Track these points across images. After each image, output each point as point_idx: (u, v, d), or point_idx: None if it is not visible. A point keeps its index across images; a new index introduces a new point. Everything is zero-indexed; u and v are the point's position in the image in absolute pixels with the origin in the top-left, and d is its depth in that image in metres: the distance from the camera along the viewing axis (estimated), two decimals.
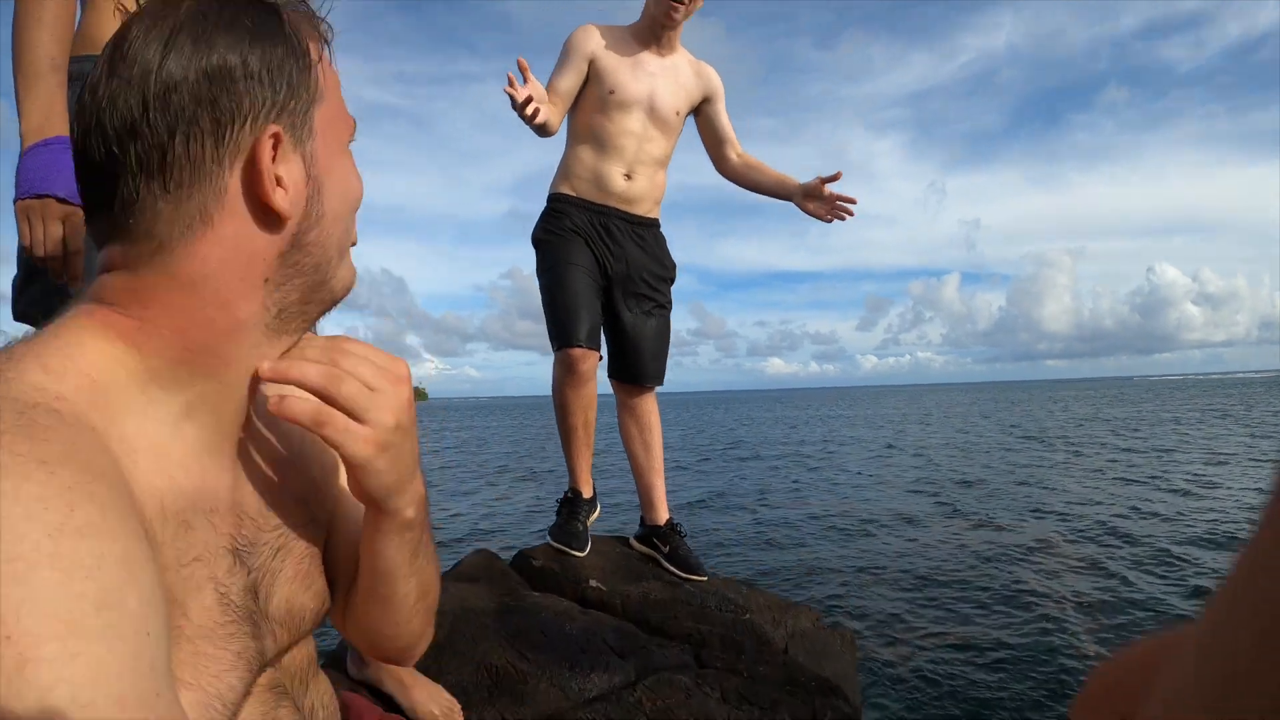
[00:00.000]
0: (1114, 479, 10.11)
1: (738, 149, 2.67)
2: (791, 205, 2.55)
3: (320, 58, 0.65)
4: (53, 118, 1.12)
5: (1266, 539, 0.18)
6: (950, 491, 9.51)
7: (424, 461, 0.75)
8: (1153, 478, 10.07)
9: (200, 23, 0.57)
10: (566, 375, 2.36)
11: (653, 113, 2.42)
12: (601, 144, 2.43)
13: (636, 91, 2.39)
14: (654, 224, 2.58)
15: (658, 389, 2.58)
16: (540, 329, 2.43)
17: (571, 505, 2.52)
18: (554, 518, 2.54)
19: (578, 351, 2.31)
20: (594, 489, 2.58)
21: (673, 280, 2.63)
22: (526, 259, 2.66)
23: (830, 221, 2.50)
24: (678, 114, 2.48)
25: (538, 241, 2.52)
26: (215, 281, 0.57)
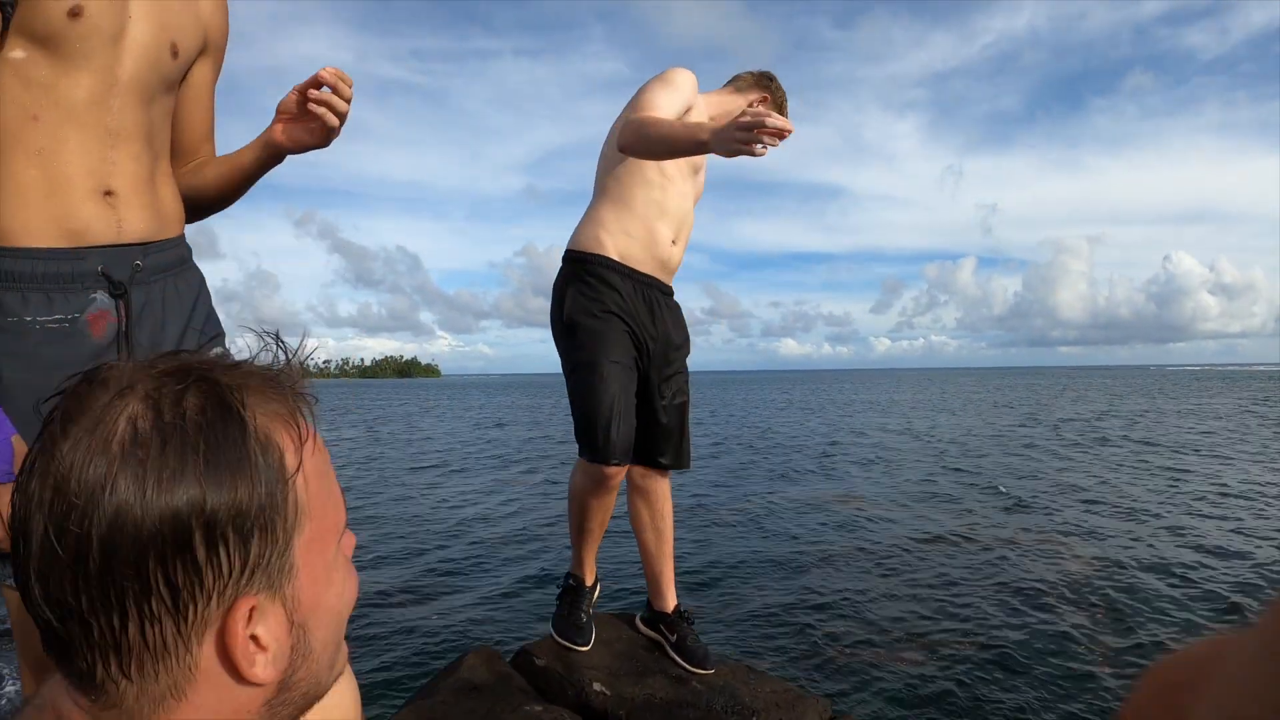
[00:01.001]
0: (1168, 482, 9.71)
1: None
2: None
3: (300, 464, 0.52)
4: None
5: None
6: (991, 511, 7.93)
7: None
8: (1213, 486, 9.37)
9: (138, 460, 0.46)
10: (594, 487, 2.18)
11: (697, 175, 2.36)
12: (658, 204, 2.18)
13: (702, 158, 2.31)
14: (673, 292, 2.43)
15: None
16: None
17: (575, 595, 2.42)
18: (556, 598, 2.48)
19: (611, 469, 2.12)
20: (597, 574, 2.49)
21: (689, 351, 2.44)
22: (541, 236, 2.54)
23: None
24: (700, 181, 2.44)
25: (572, 322, 2.15)
26: None
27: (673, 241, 2.24)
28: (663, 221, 2.19)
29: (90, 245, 1.05)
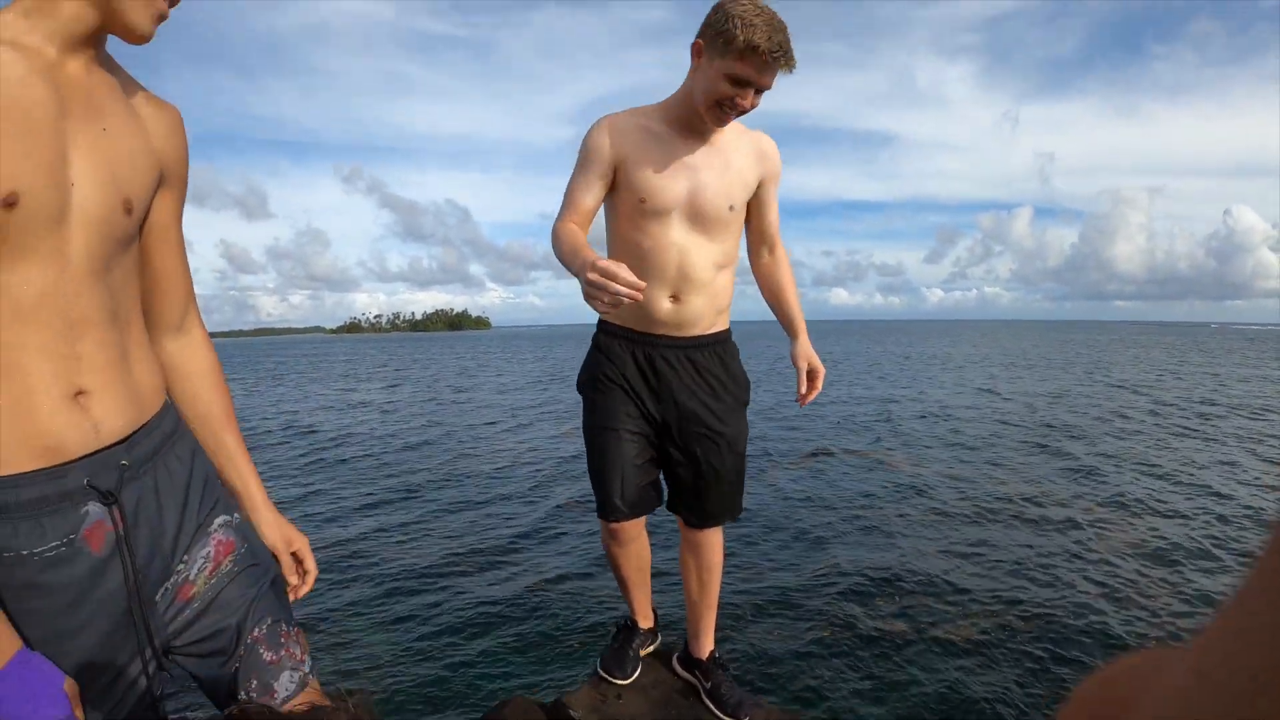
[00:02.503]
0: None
1: (775, 248, 2.20)
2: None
3: None
4: None
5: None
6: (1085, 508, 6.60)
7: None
8: None
9: None
10: (610, 539, 2.21)
11: (697, 216, 1.95)
12: (640, 261, 1.97)
13: (674, 195, 1.93)
14: (717, 341, 2.13)
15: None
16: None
17: (627, 634, 2.45)
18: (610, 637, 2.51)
19: (612, 525, 2.14)
20: (656, 619, 2.51)
21: (747, 401, 2.21)
22: None
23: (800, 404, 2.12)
24: (731, 209, 1.98)
25: (580, 387, 2.22)
26: None
27: (672, 298, 2.01)
28: (652, 282, 1.99)
29: (70, 460, 0.97)
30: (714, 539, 2.28)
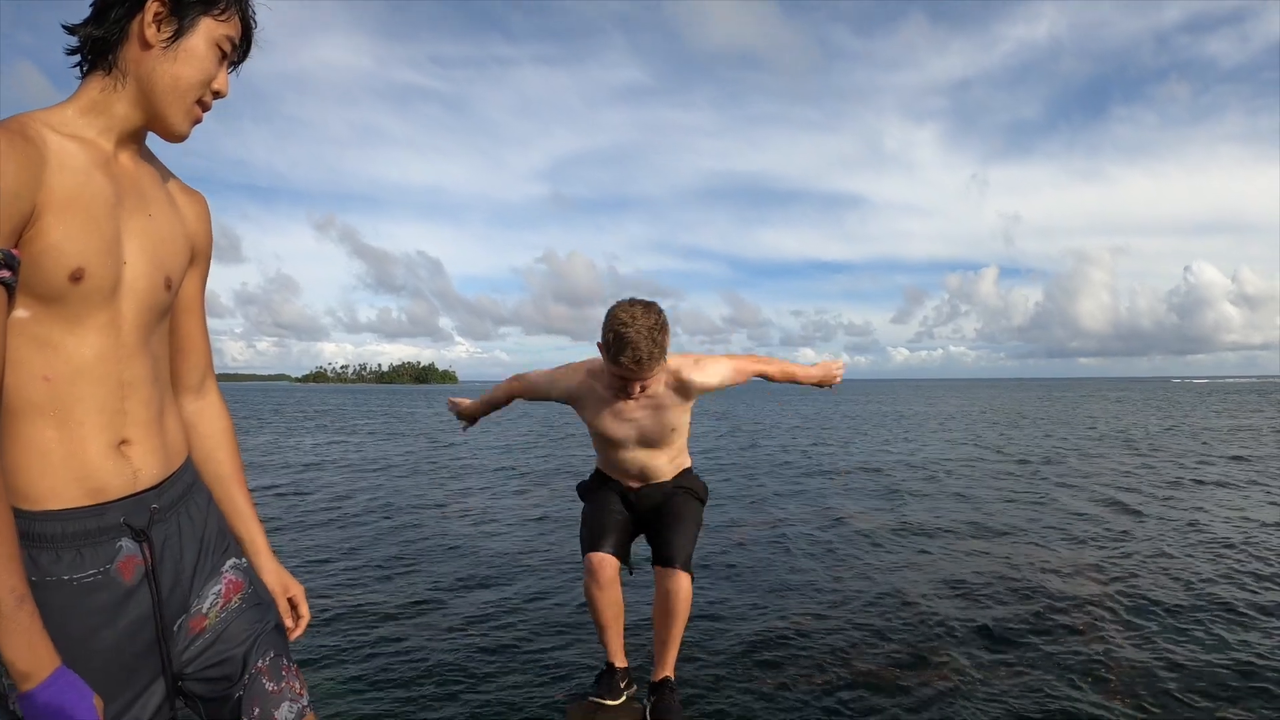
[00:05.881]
0: None
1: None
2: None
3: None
4: (39, 653, 0.97)
5: None
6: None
7: None
8: None
9: None
10: (590, 578, 2.62)
11: (645, 441, 2.62)
12: (609, 461, 2.74)
13: (623, 435, 2.60)
14: (681, 475, 2.78)
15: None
16: (572, 312, 2.55)
17: (603, 675, 2.77)
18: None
19: (596, 557, 2.58)
20: (628, 664, 2.83)
21: (703, 500, 2.82)
22: (562, 243, 2.44)
23: None
24: (674, 430, 2.63)
25: (580, 495, 2.92)
26: None
27: (639, 480, 2.73)
28: (620, 474, 2.75)
29: (111, 500, 1.11)
30: (680, 584, 2.58)
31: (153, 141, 1.25)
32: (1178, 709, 3.82)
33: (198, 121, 1.21)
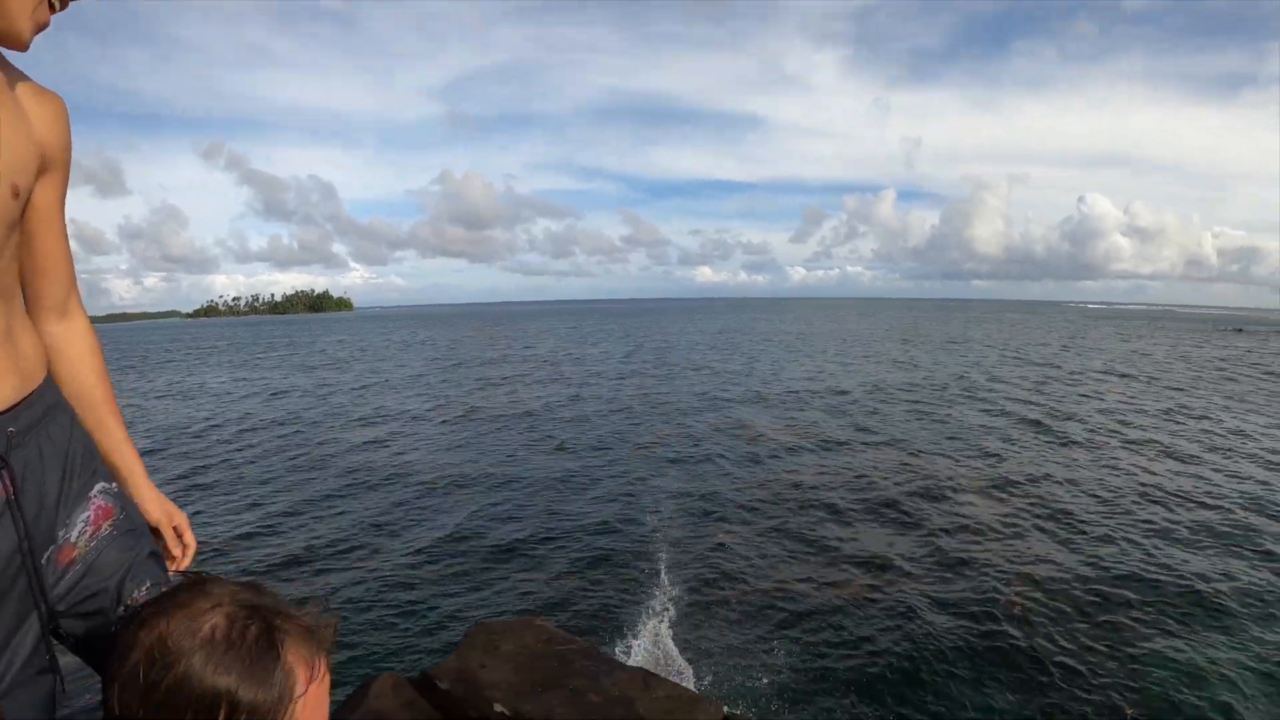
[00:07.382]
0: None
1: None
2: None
3: (305, 691, 0.81)
4: None
5: None
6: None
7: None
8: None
9: (208, 651, 0.77)
10: None
11: None
12: None
13: None
14: None
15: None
16: (470, 234, 2.21)
17: None
18: None
19: None
20: None
21: None
22: (458, 164, 2.58)
23: None
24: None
25: None
26: None
27: None
28: None
29: None
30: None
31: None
32: (1083, 613, 4.19)
33: (42, 29, 1.09)
